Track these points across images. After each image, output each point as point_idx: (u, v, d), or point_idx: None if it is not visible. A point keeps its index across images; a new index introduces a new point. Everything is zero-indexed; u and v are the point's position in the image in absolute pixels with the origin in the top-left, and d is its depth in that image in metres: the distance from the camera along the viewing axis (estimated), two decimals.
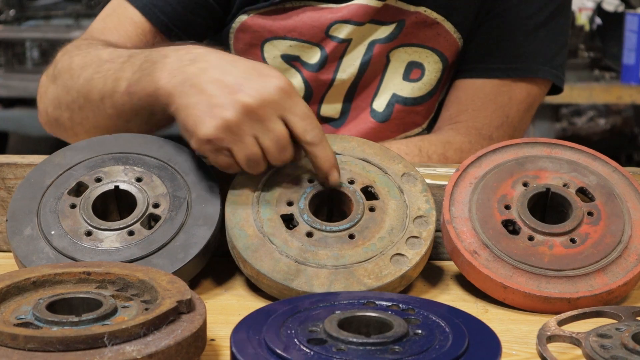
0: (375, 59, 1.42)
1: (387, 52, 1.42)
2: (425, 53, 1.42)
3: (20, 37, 4.52)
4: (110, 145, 1.15)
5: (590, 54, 3.96)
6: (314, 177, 1.11)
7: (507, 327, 0.99)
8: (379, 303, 0.90)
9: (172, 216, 1.07)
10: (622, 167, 1.15)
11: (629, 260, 1.05)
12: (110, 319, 0.84)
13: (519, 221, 1.08)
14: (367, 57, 1.41)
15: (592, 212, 1.09)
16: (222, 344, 0.92)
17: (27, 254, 1.04)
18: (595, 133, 4.66)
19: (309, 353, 0.79)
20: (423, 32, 1.41)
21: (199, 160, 1.13)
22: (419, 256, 1.06)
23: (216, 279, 1.12)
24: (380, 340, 0.80)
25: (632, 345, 0.82)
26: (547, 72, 1.43)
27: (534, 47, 1.43)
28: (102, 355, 0.76)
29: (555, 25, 1.45)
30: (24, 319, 0.84)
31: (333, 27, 1.39)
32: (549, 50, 1.44)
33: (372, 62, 1.42)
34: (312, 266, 1.03)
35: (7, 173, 1.20)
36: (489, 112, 1.42)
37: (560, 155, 1.15)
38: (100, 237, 1.06)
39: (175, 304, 0.84)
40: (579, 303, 1.01)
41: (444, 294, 1.10)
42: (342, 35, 1.39)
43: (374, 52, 1.41)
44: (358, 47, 1.41)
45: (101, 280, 0.92)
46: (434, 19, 1.40)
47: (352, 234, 1.06)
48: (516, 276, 1.04)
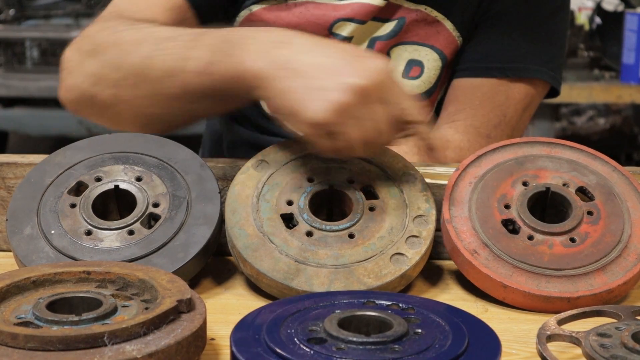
0: None
1: (387, 49, 1.42)
2: (424, 51, 1.42)
3: (20, 37, 4.52)
4: (110, 144, 1.14)
5: (589, 53, 3.96)
6: (314, 177, 1.11)
7: (507, 327, 0.99)
8: (379, 302, 0.90)
9: (172, 215, 1.07)
10: (621, 167, 1.15)
11: (629, 260, 1.06)
12: (110, 318, 0.84)
13: (519, 220, 1.08)
14: None
15: (591, 211, 1.09)
16: (222, 343, 0.92)
17: (27, 254, 1.04)
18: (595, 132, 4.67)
19: (308, 352, 0.79)
20: (423, 30, 1.41)
21: (199, 159, 1.13)
22: (418, 255, 1.06)
23: (216, 279, 1.13)
24: (380, 340, 0.80)
25: (632, 345, 0.83)
26: (544, 73, 1.43)
27: (531, 48, 1.43)
28: (102, 355, 0.77)
29: (553, 27, 1.45)
30: (24, 318, 0.84)
31: (336, 25, 1.39)
32: (547, 52, 1.44)
33: None
34: (312, 265, 1.03)
35: (7, 172, 1.20)
36: (486, 111, 1.42)
37: (560, 154, 1.15)
38: (100, 236, 1.06)
39: (175, 303, 0.84)
40: (579, 302, 1.02)
41: (444, 294, 1.10)
42: (345, 33, 1.39)
43: (375, 50, 1.41)
44: (359, 45, 1.41)
45: (101, 279, 0.92)
46: (434, 17, 1.40)
47: (352, 234, 1.06)
48: (516, 275, 1.04)
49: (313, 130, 1.02)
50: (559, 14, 1.45)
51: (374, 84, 1.01)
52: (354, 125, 1.01)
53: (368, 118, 1.02)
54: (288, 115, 1.04)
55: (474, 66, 1.44)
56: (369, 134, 1.02)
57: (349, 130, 1.01)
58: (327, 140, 1.03)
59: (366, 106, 1.01)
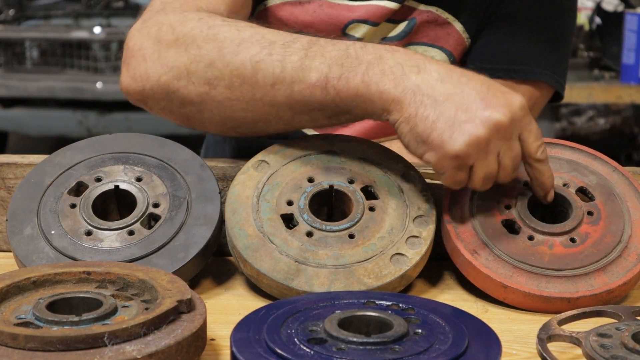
0: None
1: None
2: (434, 52, 1.42)
3: (19, 37, 4.52)
4: (110, 144, 1.14)
5: (589, 53, 3.96)
6: (314, 177, 1.11)
7: (507, 327, 0.99)
8: (379, 303, 0.90)
9: (172, 216, 1.07)
10: (621, 167, 1.15)
11: (629, 260, 1.05)
12: (111, 319, 0.84)
13: (519, 221, 1.08)
14: None
15: (592, 211, 1.09)
16: (222, 343, 0.92)
17: (27, 254, 1.04)
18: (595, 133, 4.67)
19: (309, 352, 0.79)
20: (433, 31, 1.41)
21: (199, 159, 1.13)
22: (419, 256, 1.06)
23: (216, 279, 1.13)
24: (380, 340, 0.80)
25: (632, 345, 0.83)
26: (549, 76, 1.43)
27: (537, 51, 1.43)
28: (102, 355, 0.76)
29: (559, 31, 1.45)
30: (24, 318, 0.84)
31: (350, 26, 1.39)
32: (552, 56, 1.44)
33: None
34: (312, 266, 1.03)
35: (7, 173, 1.20)
36: None
37: (560, 154, 1.15)
38: (100, 236, 1.06)
39: (175, 303, 0.84)
40: (579, 303, 1.01)
41: (444, 294, 1.10)
42: (358, 35, 1.39)
43: None
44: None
45: (101, 279, 0.92)
46: (445, 18, 1.41)
47: (352, 234, 1.06)
48: (516, 276, 1.04)
49: (448, 161, 1.02)
50: (566, 19, 1.46)
51: (515, 121, 1.02)
52: (484, 160, 1.02)
53: (501, 153, 1.03)
54: (423, 144, 1.03)
55: (479, 67, 1.43)
56: (494, 170, 1.04)
57: (478, 164, 1.02)
58: (458, 172, 1.03)
59: (502, 142, 1.02)
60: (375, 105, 1.05)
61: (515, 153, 1.04)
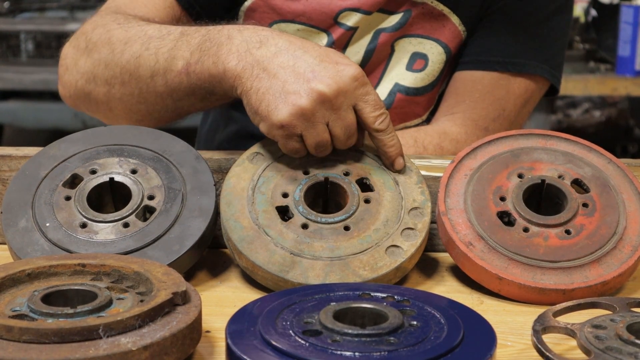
0: (380, 47, 1.42)
1: (392, 41, 1.42)
2: (429, 44, 1.42)
3: (14, 30, 4.50)
4: (105, 137, 1.14)
5: (585, 45, 3.96)
6: (309, 169, 1.11)
7: (502, 318, 0.99)
8: (374, 294, 0.90)
9: (167, 208, 1.07)
10: (617, 159, 1.15)
11: (624, 252, 1.06)
12: (106, 311, 0.84)
13: (514, 213, 1.08)
14: (372, 46, 1.42)
15: (587, 203, 1.09)
16: (218, 335, 0.92)
17: (21, 246, 1.04)
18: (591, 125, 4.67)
19: (304, 344, 0.79)
20: (429, 23, 1.41)
21: (194, 152, 1.13)
22: (414, 248, 1.06)
23: (211, 271, 1.12)
24: (375, 332, 0.80)
25: (627, 336, 0.83)
26: (545, 70, 1.44)
27: (533, 44, 1.43)
28: (97, 347, 0.76)
29: (556, 25, 1.45)
30: (18, 311, 0.84)
31: (342, 14, 1.39)
32: (548, 50, 1.45)
33: (377, 50, 1.42)
34: (308, 258, 1.03)
35: (1, 165, 1.19)
36: (486, 104, 1.42)
37: (555, 146, 1.15)
38: (95, 229, 1.05)
39: (170, 295, 0.84)
40: (574, 294, 1.02)
41: (439, 286, 1.10)
42: (350, 23, 1.39)
43: (379, 41, 1.41)
44: (364, 36, 1.41)
45: (96, 272, 0.92)
46: (440, 10, 1.40)
47: (348, 226, 1.06)
48: (511, 267, 1.04)
49: (275, 130, 1.06)
50: (562, 13, 1.46)
51: (341, 92, 1.05)
52: (312, 129, 1.06)
53: (330, 123, 1.06)
54: (254, 114, 1.08)
55: (475, 59, 1.44)
56: (325, 138, 1.07)
57: (306, 134, 1.06)
58: (288, 141, 1.07)
59: (330, 112, 1.06)
60: (226, 83, 1.11)
61: (347, 123, 1.07)
